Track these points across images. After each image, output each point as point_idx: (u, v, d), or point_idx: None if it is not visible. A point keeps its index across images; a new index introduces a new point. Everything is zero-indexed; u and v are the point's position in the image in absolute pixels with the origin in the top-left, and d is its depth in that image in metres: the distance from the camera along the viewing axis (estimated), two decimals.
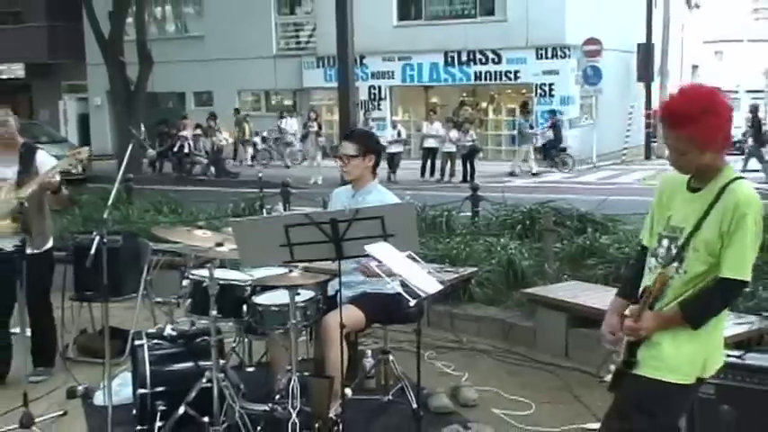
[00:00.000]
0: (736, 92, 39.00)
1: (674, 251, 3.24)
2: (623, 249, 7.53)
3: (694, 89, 3.25)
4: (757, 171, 21.00)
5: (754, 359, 4.26)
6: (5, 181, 5.90)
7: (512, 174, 23.57)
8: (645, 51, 28.69)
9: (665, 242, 3.30)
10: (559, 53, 26.29)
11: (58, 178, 5.87)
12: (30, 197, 5.77)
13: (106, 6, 24.20)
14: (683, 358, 3.23)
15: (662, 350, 3.24)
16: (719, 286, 3.16)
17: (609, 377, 3.43)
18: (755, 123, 22.62)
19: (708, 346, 3.27)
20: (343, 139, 5.59)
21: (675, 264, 3.22)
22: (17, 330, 5.98)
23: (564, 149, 25.06)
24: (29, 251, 5.53)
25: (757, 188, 3.28)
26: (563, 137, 25.24)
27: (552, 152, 24.93)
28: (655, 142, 27.85)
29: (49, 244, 6.22)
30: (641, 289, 3.35)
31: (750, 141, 22.69)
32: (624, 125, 28.58)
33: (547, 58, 26.51)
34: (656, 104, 27.32)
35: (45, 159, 6.02)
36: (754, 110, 23.57)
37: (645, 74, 28.93)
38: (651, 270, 3.34)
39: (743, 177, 3.24)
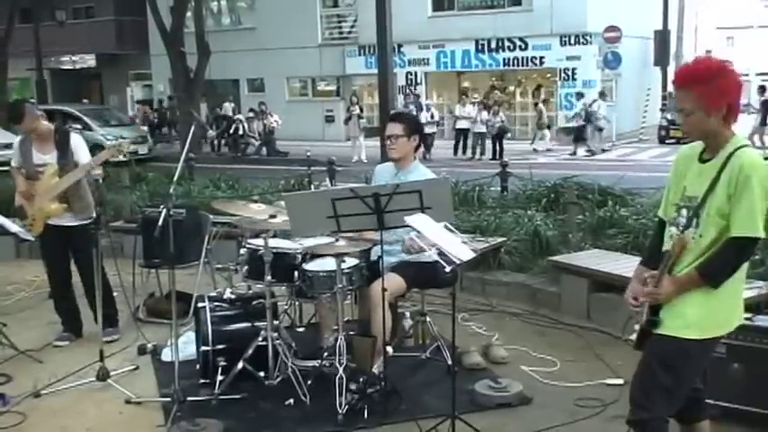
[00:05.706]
0: (747, 74, 38.10)
1: (691, 217, 3.19)
2: (640, 220, 7.46)
3: (707, 58, 3.30)
4: None
5: (762, 321, 4.25)
6: (46, 166, 5.92)
7: None
8: (661, 37, 28.22)
9: (684, 211, 3.25)
10: (582, 40, 25.90)
11: (99, 171, 5.97)
12: (68, 180, 5.83)
13: (168, 2, 24.31)
14: (701, 315, 3.18)
15: (682, 308, 3.20)
16: (732, 244, 3.11)
17: (633, 336, 3.39)
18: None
19: (726, 304, 3.23)
20: (389, 121, 5.40)
21: (692, 229, 3.19)
22: None
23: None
24: (74, 223, 5.65)
25: None
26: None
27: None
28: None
29: (93, 216, 6.09)
30: (662, 254, 3.30)
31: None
32: (641, 107, 28.15)
33: (570, 44, 26.13)
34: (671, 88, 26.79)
35: (78, 142, 6.01)
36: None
37: (661, 58, 28.48)
38: (672, 238, 3.27)
39: (748, 145, 3.20)
